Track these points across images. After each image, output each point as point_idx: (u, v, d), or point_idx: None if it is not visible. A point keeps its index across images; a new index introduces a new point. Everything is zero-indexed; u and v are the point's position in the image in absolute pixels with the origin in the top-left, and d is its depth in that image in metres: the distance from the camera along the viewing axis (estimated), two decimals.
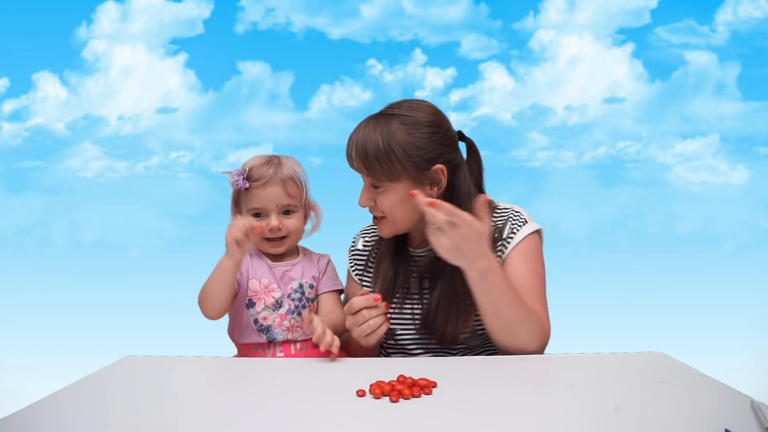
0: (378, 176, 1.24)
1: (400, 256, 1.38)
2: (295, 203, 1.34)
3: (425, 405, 0.91)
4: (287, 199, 1.32)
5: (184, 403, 0.95)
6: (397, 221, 1.28)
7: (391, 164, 1.22)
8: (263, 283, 1.35)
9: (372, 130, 1.24)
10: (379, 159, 1.22)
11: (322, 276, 1.42)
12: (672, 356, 1.19)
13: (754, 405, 0.86)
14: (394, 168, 1.22)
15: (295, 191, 1.33)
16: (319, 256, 1.46)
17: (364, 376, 1.03)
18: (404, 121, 1.24)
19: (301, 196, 1.35)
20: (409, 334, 1.36)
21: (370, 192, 1.28)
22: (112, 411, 0.90)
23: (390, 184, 1.24)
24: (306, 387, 1.01)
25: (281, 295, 1.35)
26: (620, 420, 0.84)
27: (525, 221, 1.33)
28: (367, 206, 1.30)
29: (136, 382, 1.06)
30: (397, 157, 1.21)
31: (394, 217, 1.28)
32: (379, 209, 1.28)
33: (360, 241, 1.50)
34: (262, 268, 1.36)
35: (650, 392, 0.96)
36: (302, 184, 1.35)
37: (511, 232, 1.31)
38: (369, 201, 1.28)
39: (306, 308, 1.37)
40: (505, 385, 1.03)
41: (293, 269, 1.38)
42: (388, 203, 1.26)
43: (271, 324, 1.33)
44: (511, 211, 1.35)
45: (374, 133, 1.23)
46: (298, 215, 1.36)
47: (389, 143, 1.22)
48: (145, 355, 1.23)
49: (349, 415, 0.87)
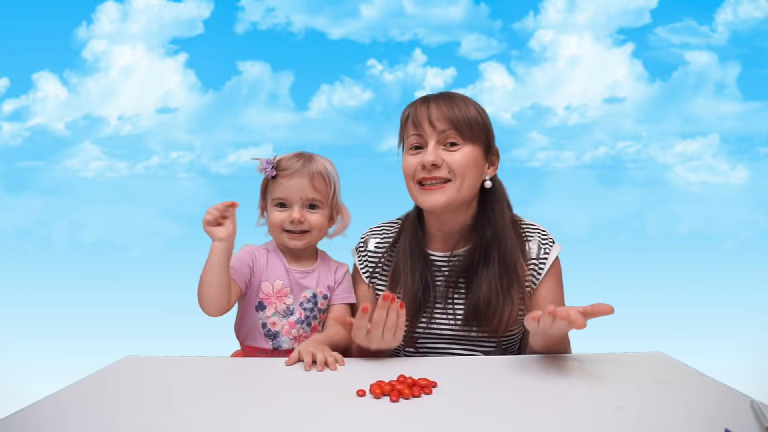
0: (465, 132, 1.25)
1: (424, 265, 1.33)
2: (321, 199, 1.31)
3: (425, 405, 0.91)
4: (312, 193, 1.30)
5: (185, 403, 0.95)
6: (463, 185, 1.25)
7: (478, 127, 1.27)
8: (276, 286, 1.32)
9: (453, 98, 1.28)
10: (472, 119, 1.26)
11: (337, 286, 1.38)
12: (671, 356, 1.19)
13: (753, 405, 0.86)
14: (480, 131, 1.27)
15: (321, 186, 1.30)
16: (338, 264, 1.42)
17: (364, 376, 1.03)
18: (476, 103, 1.31)
19: (327, 193, 1.32)
20: (433, 343, 1.34)
21: (440, 152, 1.26)
22: (113, 411, 0.90)
23: (470, 144, 1.26)
24: (306, 387, 1.01)
25: (293, 302, 1.32)
26: (620, 420, 0.84)
27: (552, 241, 1.35)
28: (436, 163, 1.24)
29: (137, 382, 1.06)
30: (484, 122, 1.29)
31: (462, 180, 1.25)
32: (448, 168, 1.25)
33: (372, 241, 1.44)
34: (278, 269, 1.33)
35: (650, 392, 0.96)
36: (331, 182, 1.32)
37: (544, 253, 1.33)
38: (438, 158, 1.25)
39: (317, 319, 1.34)
40: (504, 385, 1.03)
41: (308, 277, 1.35)
42: (464, 161, 1.25)
43: (279, 330, 1.31)
44: (538, 229, 1.37)
45: (458, 101, 1.28)
46: (323, 212, 1.32)
47: (477, 109, 1.29)
48: (145, 355, 1.23)
49: (349, 415, 0.87)
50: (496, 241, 1.29)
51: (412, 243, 1.35)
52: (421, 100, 1.30)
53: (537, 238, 1.34)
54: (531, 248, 1.33)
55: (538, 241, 1.34)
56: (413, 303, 1.30)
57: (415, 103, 1.30)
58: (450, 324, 1.31)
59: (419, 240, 1.35)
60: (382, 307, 1.11)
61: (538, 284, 1.32)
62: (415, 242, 1.35)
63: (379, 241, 1.44)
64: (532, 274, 1.32)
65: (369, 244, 1.44)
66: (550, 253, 1.33)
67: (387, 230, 1.45)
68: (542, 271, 1.32)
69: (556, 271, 1.35)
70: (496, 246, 1.29)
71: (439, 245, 1.36)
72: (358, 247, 1.46)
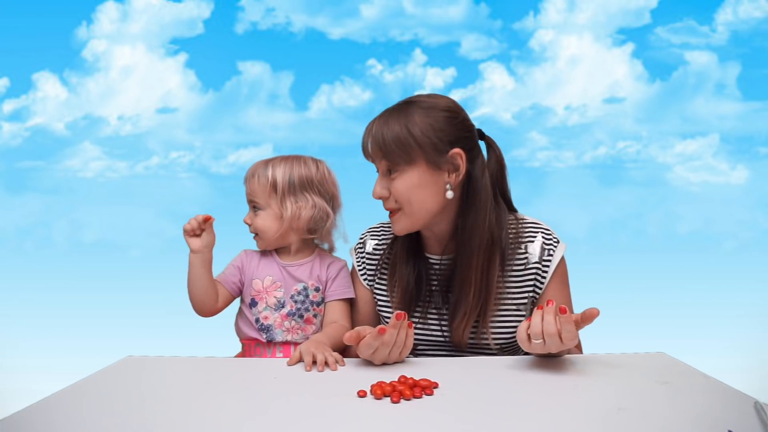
0: (394, 159, 1.20)
1: (419, 262, 1.32)
2: (257, 200, 1.35)
3: (426, 406, 0.91)
4: (251, 195, 1.36)
5: (185, 404, 0.94)
6: (414, 211, 1.22)
7: (408, 146, 1.18)
8: (266, 282, 1.36)
9: (388, 117, 1.22)
10: (396, 141, 1.19)
11: (331, 282, 1.39)
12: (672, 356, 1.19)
13: (757, 406, 0.86)
14: (411, 149, 1.19)
15: (257, 189, 1.34)
16: (333, 260, 1.42)
17: (365, 377, 1.03)
18: (422, 106, 1.22)
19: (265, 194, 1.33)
20: (430, 346, 1.32)
21: (384, 182, 1.24)
22: (113, 411, 0.90)
23: (406, 167, 1.20)
24: (307, 387, 1.01)
25: (284, 294, 1.35)
26: (622, 421, 0.84)
27: (557, 241, 1.31)
28: (381, 197, 1.25)
29: (137, 383, 1.06)
30: (414, 137, 1.18)
31: (410, 207, 1.22)
32: (394, 198, 1.23)
33: (370, 243, 1.43)
34: (270, 267, 1.37)
35: (652, 393, 0.96)
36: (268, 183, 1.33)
37: (547, 255, 1.29)
38: (383, 191, 1.24)
39: (309, 311, 1.36)
40: (506, 386, 1.03)
41: (300, 269, 1.38)
42: (404, 188, 1.20)
43: (271, 324, 1.34)
44: (542, 229, 1.32)
45: (390, 119, 1.21)
46: (266, 214, 1.34)
47: (407, 126, 1.19)
48: (146, 355, 1.22)
49: (350, 416, 0.87)
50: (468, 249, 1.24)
51: (409, 244, 1.33)
52: (368, 125, 1.26)
53: (540, 239, 1.30)
54: (533, 251, 1.29)
55: (542, 243, 1.30)
56: (406, 294, 1.30)
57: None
58: (441, 330, 1.30)
59: (416, 241, 1.34)
60: (394, 327, 1.08)
61: (543, 288, 1.29)
62: (412, 243, 1.33)
63: (377, 242, 1.42)
64: (535, 279, 1.29)
65: (367, 245, 1.43)
66: (554, 254, 1.29)
67: (386, 230, 1.43)
68: (546, 275, 1.29)
69: (562, 272, 1.31)
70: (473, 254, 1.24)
71: (433, 248, 1.35)
72: (356, 247, 1.45)
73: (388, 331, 1.07)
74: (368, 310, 1.41)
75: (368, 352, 1.09)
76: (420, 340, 1.31)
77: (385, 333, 1.07)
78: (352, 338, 1.10)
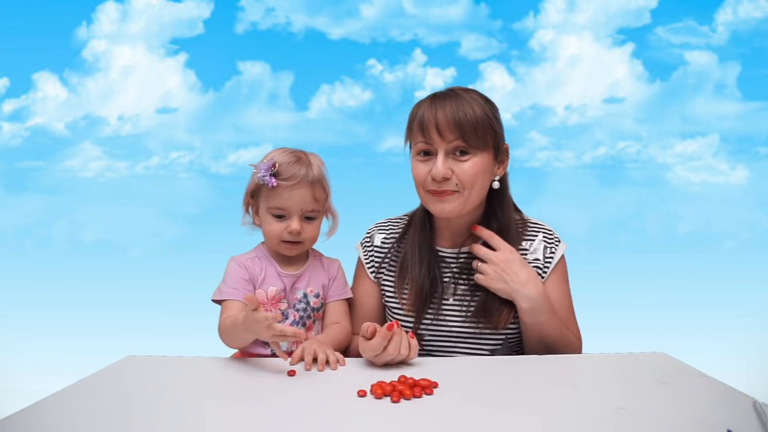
0: (472, 140, 1.21)
1: (432, 259, 1.34)
2: (319, 209, 1.29)
3: (426, 405, 0.91)
4: (312, 204, 1.26)
5: (186, 404, 0.94)
6: (472, 196, 1.24)
7: (487, 130, 1.22)
8: (270, 293, 1.30)
9: (458, 99, 1.23)
10: (478, 123, 1.21)
11: (332, 283, 1.36)
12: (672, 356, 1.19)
13: (756, 405, 0.86)
14: (488, 134, 1.23)
15: (321, 196, 1.28)
16: (329, 261, 1.39)
17: (365, 377, 1.03)
18: (483, 97, 1.27)
19: (325, 202, 1.30)
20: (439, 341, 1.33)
21: (449, 162, 1.23)
22: (114, 411, 0.90)
23: (479, 151, 1.22)
24: (307, 387, 1.01)
25: (287, 306, 1.31)
26: (622, 420, 0.84)
27: (558, 240, 1.36)
28: (446, 177, 1.22)
29: (138, 383, 1.06)
30: (491, 125, 1.24)
31: (471, 191, 1.24)
32: (457, 180, 1.23)
33: (378, 237, 1.44)
34: (271, 275, 1.31)
35: (652, 392, 0.96)
36: (328, 188, 1.30)
37: (549, 252, 1.33)
38: (448, 171, 1.23)
39: (311, 318, 1.33)
40: (506, 386, 1.03)
41: (300, 279, 1.33)
42: (473, 171, 1.22)
43: None
44: (543, 228, 1.37)
45: (462, 102, 1.22)
46: (319, 222, 1.30)
47: (484, 112, 1.23)
48: (146, 355, 1.22)
49: (350, 416, 0.87)
50: (501, 236, 1.30)
51: (420, 237, 1.35)
52: (430, 101, 1.26)
53: (542, 238, 1.35)
54: (535, 248, 1.33)
55: (544, 241, 1.34)
56: (420, 295, 1.31)
57: (423, 105, 1.26)
58: (458, 319, 1.31)
59: (428, 234, 1.35)
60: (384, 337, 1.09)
61: (543, 282, 1.31)
62: (423, 236, 1.35)
63: (385, 236, 1.44)
64: (537, 274, 1.31)
65: (375, 239, 1.44)
66: (555, 253, 1.34)
67: (393, 225, 1.44)
68: (548, 270, 1.33)
69: (562, 269, 1.35)
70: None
71: (446, 241, 1.36)
72: (363, 241, 1.46)
73: (394, 340, 1.09)
74: (373, 305, 1.41)
75: (372, 353, 1.10)
76: (435, 331, 1.33)
77: (392, 329, 1.09)
78: (371, 331, 1.11)
